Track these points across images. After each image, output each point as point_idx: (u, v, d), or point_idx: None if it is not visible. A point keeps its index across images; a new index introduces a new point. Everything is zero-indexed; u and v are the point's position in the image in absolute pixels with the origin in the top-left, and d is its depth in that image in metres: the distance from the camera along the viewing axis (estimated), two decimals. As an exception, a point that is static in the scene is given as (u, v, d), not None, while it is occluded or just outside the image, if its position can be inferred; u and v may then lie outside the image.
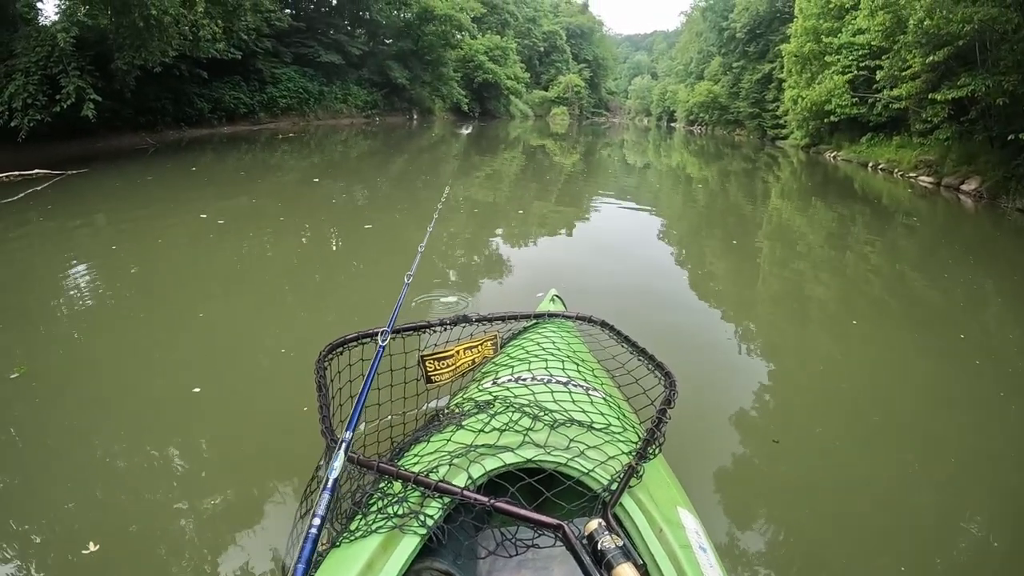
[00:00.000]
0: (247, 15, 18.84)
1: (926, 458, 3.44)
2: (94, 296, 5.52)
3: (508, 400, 1.87)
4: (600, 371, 2.34)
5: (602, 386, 2.13)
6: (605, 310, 2.71)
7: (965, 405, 4.15)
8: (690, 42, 60.08)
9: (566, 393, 1.94)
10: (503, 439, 1.63)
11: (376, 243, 7.57)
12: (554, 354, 2.30)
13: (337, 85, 33.59)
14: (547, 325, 2.63)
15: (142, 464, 2.99)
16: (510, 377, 2.10)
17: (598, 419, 1.79)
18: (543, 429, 1.67)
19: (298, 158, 17.83)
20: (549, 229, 9.52)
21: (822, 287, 7.25)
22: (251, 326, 4.74)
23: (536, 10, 73.95)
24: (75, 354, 4.24)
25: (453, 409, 1.98)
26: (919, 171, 18.08)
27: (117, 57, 14.71)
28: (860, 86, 23.02)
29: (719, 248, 9.02)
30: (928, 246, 10.08)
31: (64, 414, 3.36)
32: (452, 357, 2.22)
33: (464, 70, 50.18)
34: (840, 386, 4.30)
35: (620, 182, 17.23)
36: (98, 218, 8.81)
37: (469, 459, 1.52)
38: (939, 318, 6.13)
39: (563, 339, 2.49)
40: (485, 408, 1.83)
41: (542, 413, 1.76)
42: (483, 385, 2.12)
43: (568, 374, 2.12)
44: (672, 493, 1.64)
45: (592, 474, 1.51)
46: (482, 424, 1.72)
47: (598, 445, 1.63)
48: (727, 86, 46.13)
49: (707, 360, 4.62)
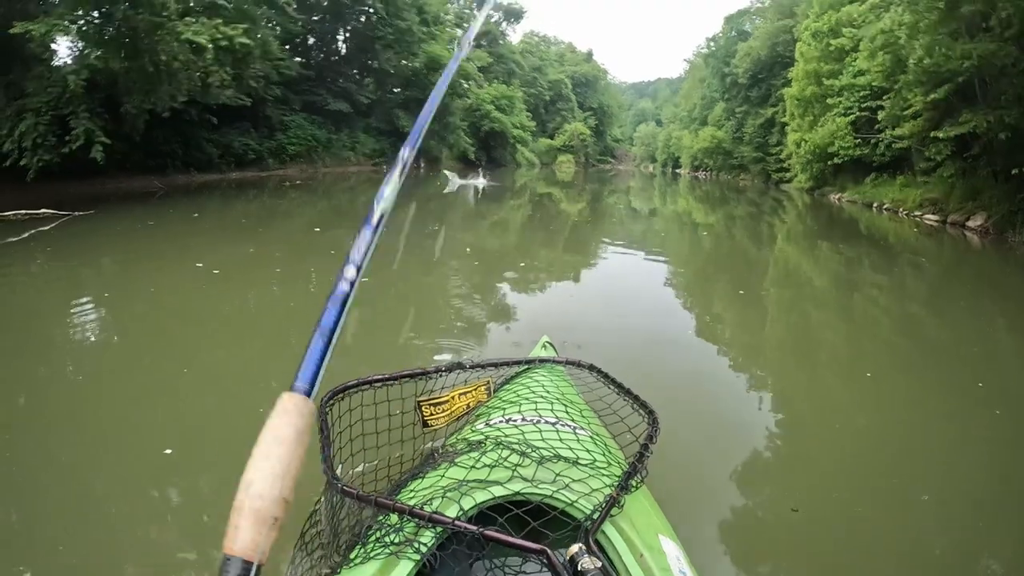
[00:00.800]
0: (256, 62, 19.21)
1: (944, 516, 3.27)
2: (74, 346, 5.33)
3: (498, 439, 1.96)
4: (587, 411, 2.43)
5: (589, 425, 2.23)
6: (613, 357, 2.91)
7: (987, 461, 3.90)
8: (693, 88, 60.99)
9: (554, 432, 2.04)
10: (493, 474, 1.72)
11: (372, 296, 6.92)
12: (544, 396, 2.40)
13: (345, 133, 34.21)
14: (538, 370, 2.73)
15: (129, 511, 2.93)
16: (501, 419, 2.20)
17: (583, 455, 1.89)
18: (531, 464, 1.77)
19: (302, 205, 17.88)
20: (555, 276, 9.38)
21: (832, 333, 6.97)
22: (237, 380, 4.54)
23: (542, 59, 75.45)
24: (38, 407, 4.01)
25: (447, 448, 2.11)
26: (924, 209, 18.04)
27: (127, 101, 15.00)
28: (862, 127, 23.19)
29: (726, 294, 8.80)
30: (937, 286, 9.93)
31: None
32: (447, 402, 2.32)
33: (471, 119, 51.00)
34: (856, 444, 4.09)
35: (627, 228, 17.07)
36: (96, 263, 8.75)
37: (461, 492, 1.61)
38: (955, 364, 5.85)
39: (552, 383, 2.58)
40: (476, 447, 1.93)
41: (530, 450, 1.85)
42: (476, 427, 2.22)
43: (556, 415, 2.21)
44: (654, 522, 1.73)
45: (576, 505, 1.58)
46: (473, 461, 1.81)
47: (583, 478, 1.73)
48: (731, 131, 46.55)
49: (715, 407, 4.53)
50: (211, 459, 3.33)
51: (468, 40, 1.81)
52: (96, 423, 3.80)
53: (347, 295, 0.98)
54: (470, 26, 1.91)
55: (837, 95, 23.90)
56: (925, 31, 14.00)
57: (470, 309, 7.10)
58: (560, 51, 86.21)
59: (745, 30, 47.53)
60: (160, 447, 3.38)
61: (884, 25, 16.11)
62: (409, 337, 5.62)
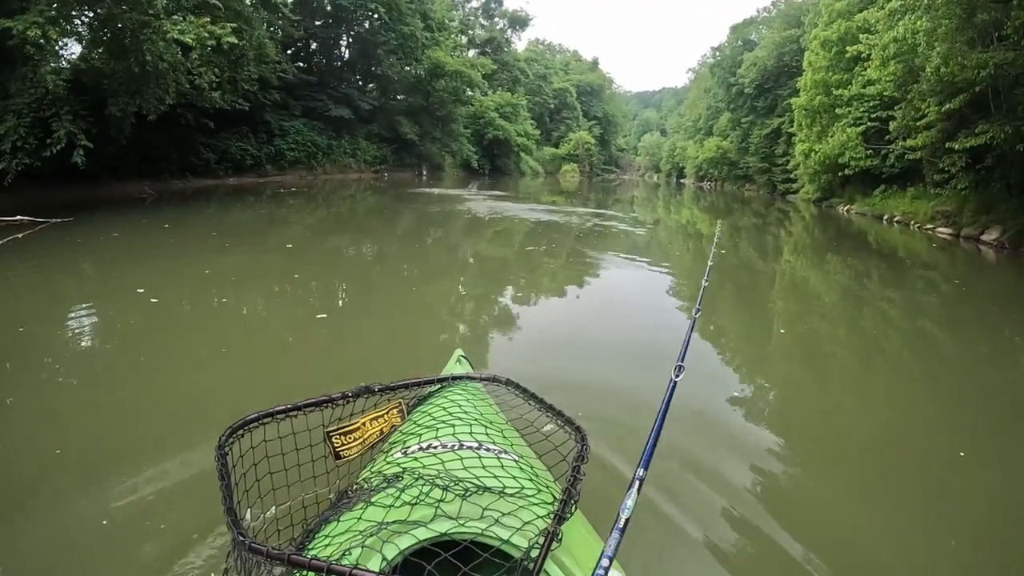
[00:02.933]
0: (250, 64, 18.72)
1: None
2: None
3: (417, 472, 1.83)
4: (509, 431, 2.32)
5: (512, 447, 2.11)
6: (615, 372, 2.74)
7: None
8: (698, 98, 61.02)
9: (476, 459, 1.93)
10: (414, 513, 1.60)
11: (329, 335, 6.16)
12: (461, 418, 2.27)
13: (346, 139, 33.82)
14: (453, 388, 2.59)
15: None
16: (418, 446, 2.06)
17: (510, 483, 1.78)
18: (454, 500, 1.64)
19: (284, 217, 16.46)
20: (557, 288, 9.02)
21: (844, 350, 6.67)
22: (164, 418, 3.94)
23: (547, 67, 75.38)
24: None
25: (362, 484, 1.92)
26: (936, 222, 17.61)
27: (111, 103, 14.44)
28: (871, 138, 22.77)
29: (732, 306, 8.45)
30: (951, 302, 9.50)
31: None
32: (359, 430, 2.18)
33: (475, 126, 50.80)
34: (874, 472, 3.79)
35: (631, 239, 16.72)
36: (34, 283, 7.79)
37: (381, 539, 1.49)
38: (972, 386, 5.53)
39: (469, 402, 2.46)
40: (394, 482, 1.79)
41: (452, 482, 1.74)
42: (392, 456, 2.07)
43: (477, 438, 2.10)
44: (595, 550, 1.55)
45: (511, 542, 1.48)
46: (392, 499, 1.68)
47: (513, 511, 1.61)
48: (736, 141, 46.39)
49: (719, 424, 4.24)
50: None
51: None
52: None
53: None
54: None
55: (846, 105, 23.46)
56: (942, 38, 13.56)
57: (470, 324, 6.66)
58: (565, 59, 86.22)
59: (751, 40, 47.50)
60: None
61: (897, 33, 15.65)
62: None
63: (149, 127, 17.19)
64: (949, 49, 13.32)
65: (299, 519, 1.95)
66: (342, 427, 2.12)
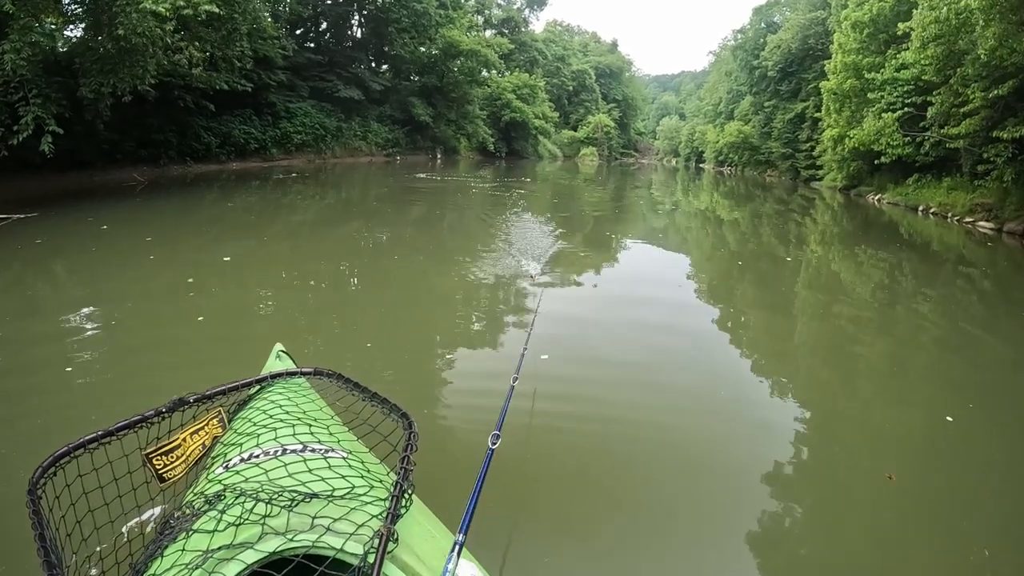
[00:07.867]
0: (243, 40, 17.53)
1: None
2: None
3: (238, 487, 1.66)
4: (337, 427, 2.22)
5: (340, 444, 2.01)
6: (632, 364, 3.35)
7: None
8: (719, 82, 59.80)
9: (301, 463, 1.80)
10: (240, 535, 1.47)
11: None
12: (283, 420, 2.14)
13: (357, 122, 32.95)
14: (273, 387, 2.43)
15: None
16: (239, 457, 1.91)
17: (339, 484, 1.69)
18: (280, 513, 1.53)
19: (279, 206, 15.00)
20: (576, 271, 8.62)
21: (884, 360, 6.08)
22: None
23: (565, 48, 74.00)
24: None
25: (184, 510, 1.72)
26: (976, 215, 16.56)
27: (83, 83, 13.31)
28: (905, 124, 21.53)
29: (753, 301, 7.97)
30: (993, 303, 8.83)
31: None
32: (180, 447, 2.01)
33: (491, 108, 49.78)
34: (916, 495, 3.54)
35: (649, 223, 15.94)
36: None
37: (206, 570, 1.37)
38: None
39: (292, 400, 2.31)
40: (215, 502, 1.62)
41: (276, 494, 1.60)
42: (213, 473, 1.90)
43: (301, 439, 1.98)
44: (439, 543, 1.60)
45: (345, 550, 1.41)
46: (214, 522, 1.53)
47: (344, 515, 1.53)
48: (758, 126, 45.20)
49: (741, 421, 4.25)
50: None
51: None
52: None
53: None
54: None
55: (879, 89, 22.18)
56: (996, 19, 12.45)
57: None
58: (584, 41, 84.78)
59: (775, 22, 46.41)
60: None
61: (940, 14, 14.49)
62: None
63: (145, 110, 16.40)
64: (1005, 30, 12.23)
65: (127, 554, 1.71)
66: (161, 447, 1.96)
